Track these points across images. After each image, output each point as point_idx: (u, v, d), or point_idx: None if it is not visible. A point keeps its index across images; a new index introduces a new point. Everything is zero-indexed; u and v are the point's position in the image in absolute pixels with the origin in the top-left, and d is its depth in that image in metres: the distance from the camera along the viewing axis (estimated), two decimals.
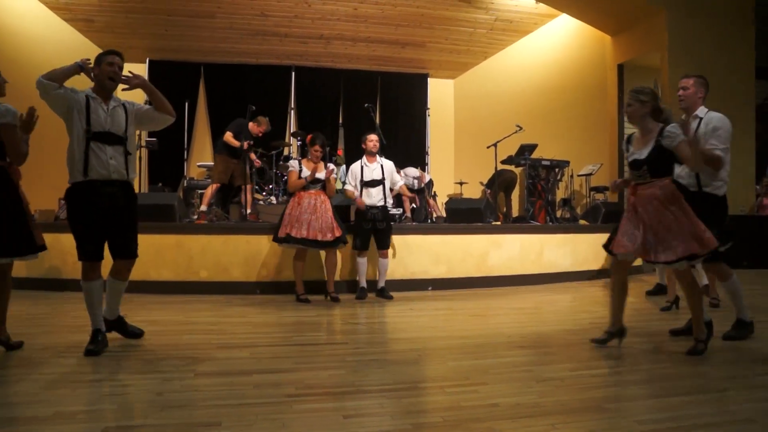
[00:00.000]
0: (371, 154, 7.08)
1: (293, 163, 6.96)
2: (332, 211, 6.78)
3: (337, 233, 6.62)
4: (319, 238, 6.54)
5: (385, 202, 7.08)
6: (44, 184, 8.81)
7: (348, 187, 7.15)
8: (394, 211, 9.29)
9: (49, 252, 4.71)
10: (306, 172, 6.74)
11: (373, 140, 7.05)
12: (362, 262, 7.04)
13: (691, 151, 4.06)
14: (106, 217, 4.24)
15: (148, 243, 6.85)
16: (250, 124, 8.90)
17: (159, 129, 4.78)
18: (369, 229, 6.98)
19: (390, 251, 7.28)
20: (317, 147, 6.77)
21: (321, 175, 6.83)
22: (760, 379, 3.63)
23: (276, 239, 6.66)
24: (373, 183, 7.03)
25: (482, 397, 3.26)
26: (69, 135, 4.24)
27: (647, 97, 4.22)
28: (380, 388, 3.38)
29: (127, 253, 4.40)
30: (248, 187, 8.63)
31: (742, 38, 11.02)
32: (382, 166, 7.10)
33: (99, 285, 4.29)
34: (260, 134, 9.28)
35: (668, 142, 4.13)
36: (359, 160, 7.15)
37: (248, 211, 8.61)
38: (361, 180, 7.02)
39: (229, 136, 8.84)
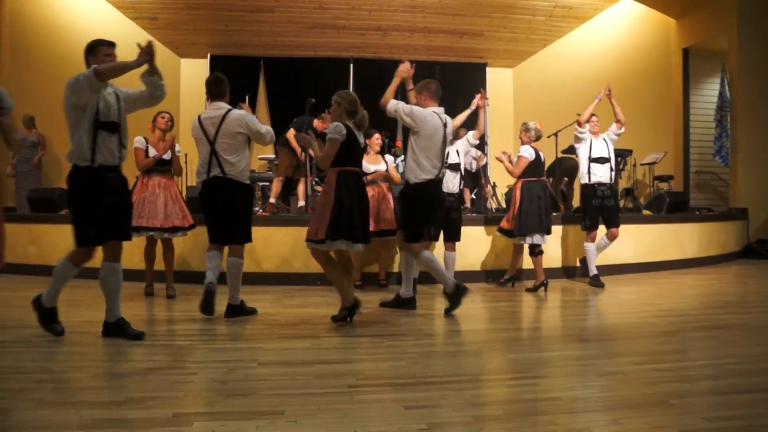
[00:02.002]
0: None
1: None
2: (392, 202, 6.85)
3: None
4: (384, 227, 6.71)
5: (460, 189, 6.85)
6: None
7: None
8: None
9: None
10: (367, 166, 6.65)
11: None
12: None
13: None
14: (110, 202, 4.27)
15: None
16: (315, 121, 8.88)
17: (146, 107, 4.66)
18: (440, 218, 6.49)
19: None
20: (378, 136, 6.86)
21: (381, 166, 6.92)
22: None
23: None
24: (453, 167, 6.72)
25: (543, 390, 3.24)
26: (74, 123, 4.19)
27: (343, 100, 5.02)
28: (441, 380, 3.40)
29: (125, 235, 4.45)
30: (309, 179, 8.70)
31: None
32: (457, 150, 6.89)
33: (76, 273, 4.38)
34: (325, 129, 9.33)
35: None
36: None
37: (303, 203, 8.67)
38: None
39: (290, 135, 8.84)
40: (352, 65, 13.67)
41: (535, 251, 6.85)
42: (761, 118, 10.60)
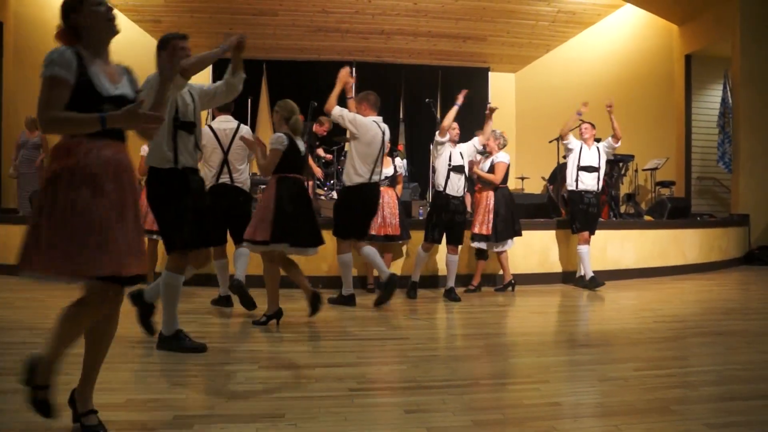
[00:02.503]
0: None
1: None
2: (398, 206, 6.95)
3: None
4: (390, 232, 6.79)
5: (464, 192, 6.82)
6: None
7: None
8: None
9: None
10: None
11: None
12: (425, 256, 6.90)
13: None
14: (194, 205, 4.08)
15: None
16: (314, 125, 8.90)
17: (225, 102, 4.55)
18: (446, 221, 6.55)
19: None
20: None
21: (388, 170, 6.95)
22: None
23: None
24: (457, 169, 6.66)
25: (544, 395, 3.24)
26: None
27: (280, 108, 5.12)
28: (442, 384, 3.40)
29: (214, 239, 4.41)
30: (309, 183, 8.70)
31: None
32: (461, 152, 6.81)
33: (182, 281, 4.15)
34: (324, 133, 9.37)
35: None
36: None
37: None
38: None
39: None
40: (355, 69, 13.69)
41: (486, 255, 7.15)
42: (764, 124, 10.59)
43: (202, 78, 12.63)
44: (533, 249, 7.83)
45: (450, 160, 6.54)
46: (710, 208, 11.98)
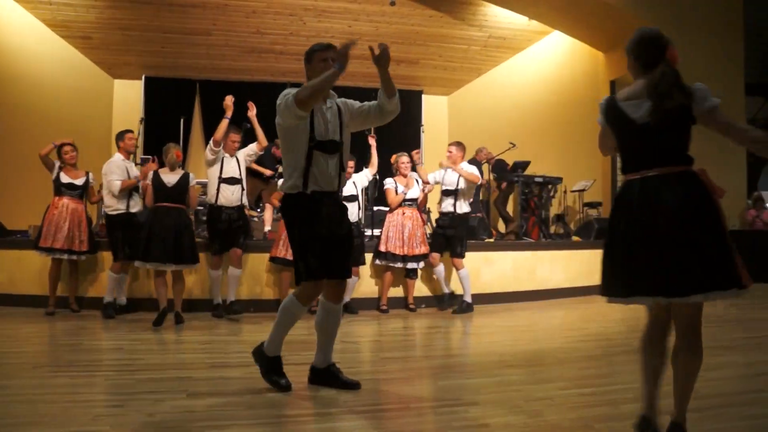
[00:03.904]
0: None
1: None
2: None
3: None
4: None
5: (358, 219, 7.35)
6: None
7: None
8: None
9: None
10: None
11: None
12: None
13: None
14: (327, 234, 3.74)
15: None
16: (273, 148, 8.80)
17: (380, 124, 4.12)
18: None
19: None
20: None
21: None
22: (751, 396, 3.66)
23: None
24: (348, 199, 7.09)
25: (473, 417, 3.28)
26: (287, 143, 3.77)
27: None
28: (370, 409, 3.40)
29: (342, 272, 3.85)
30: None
31: (731, 54, 11.14)
32: (354, 182, 7.33)
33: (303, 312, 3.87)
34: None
35: None
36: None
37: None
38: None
39: (255, 166, 8.65)
40: None
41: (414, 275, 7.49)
42: None
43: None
44: None
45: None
46: None
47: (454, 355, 5.05)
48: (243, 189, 7.05)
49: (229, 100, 6.87)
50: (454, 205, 7.36)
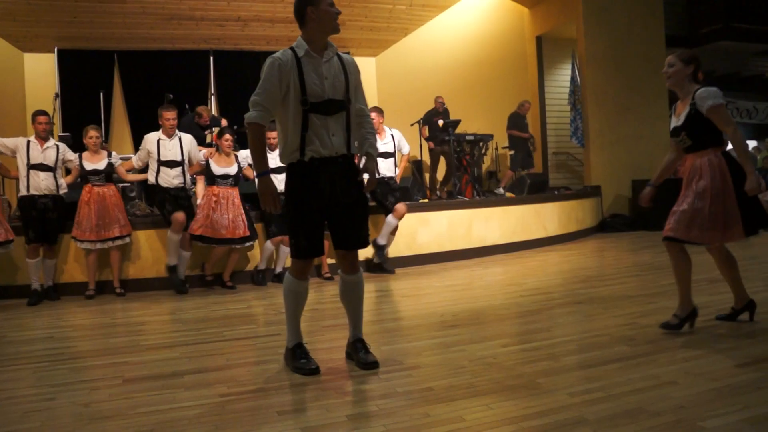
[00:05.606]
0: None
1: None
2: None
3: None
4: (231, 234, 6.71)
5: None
6: None
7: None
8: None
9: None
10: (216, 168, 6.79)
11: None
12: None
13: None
14: (328, 203, 3.48)
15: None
16: (195, 117, 8.49)
17: None
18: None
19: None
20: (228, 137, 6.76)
21: (232, 169, 6.79)
22: (682, 340, 3.76)
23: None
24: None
25: (416, 381, 3.27)
26: (279, 110, 3.46)
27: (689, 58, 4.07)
28: (312, 381, 3.35)
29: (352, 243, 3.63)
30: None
31: (652, 8, 11.35)
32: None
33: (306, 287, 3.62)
34: (207, 122, 9.09)
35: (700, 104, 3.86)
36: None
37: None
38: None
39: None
40: (212, 57, 13.25)
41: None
42: (609, 101, 11.29)
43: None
44: (400, 232, 7.87)
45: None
46: (566, 182, 12.65)
47: (394, 318, 5.02)
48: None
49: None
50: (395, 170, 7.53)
